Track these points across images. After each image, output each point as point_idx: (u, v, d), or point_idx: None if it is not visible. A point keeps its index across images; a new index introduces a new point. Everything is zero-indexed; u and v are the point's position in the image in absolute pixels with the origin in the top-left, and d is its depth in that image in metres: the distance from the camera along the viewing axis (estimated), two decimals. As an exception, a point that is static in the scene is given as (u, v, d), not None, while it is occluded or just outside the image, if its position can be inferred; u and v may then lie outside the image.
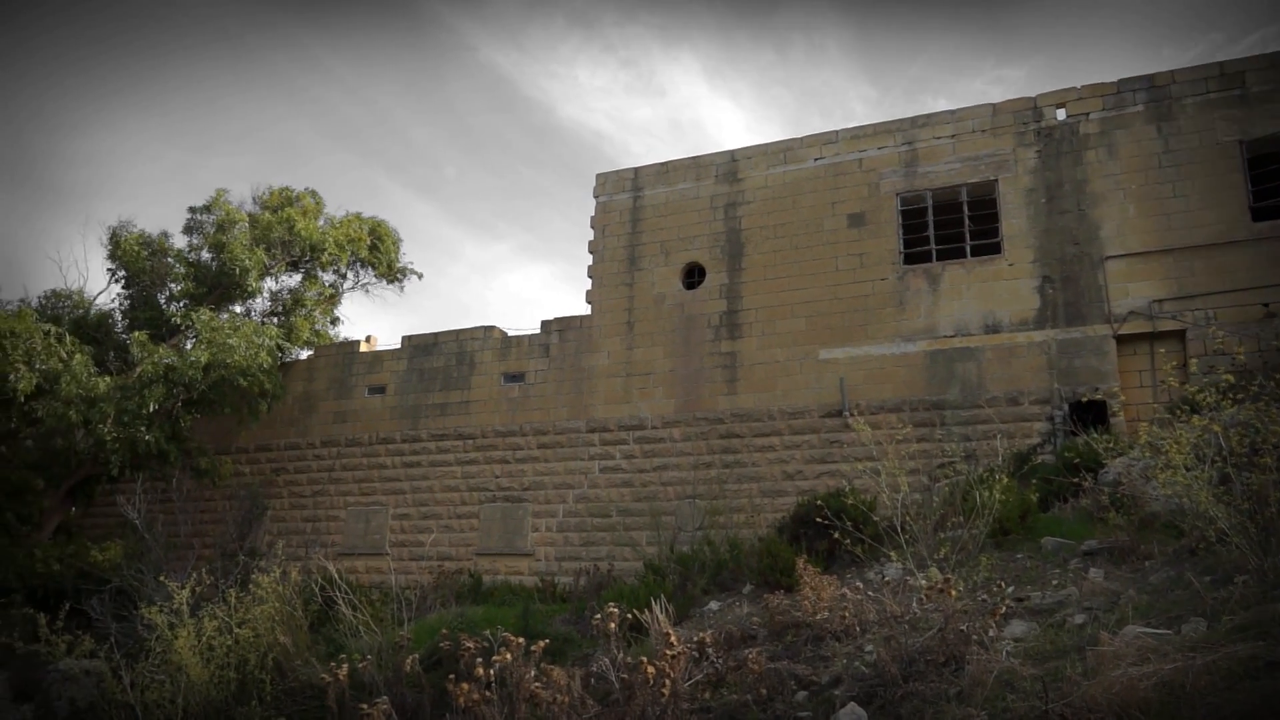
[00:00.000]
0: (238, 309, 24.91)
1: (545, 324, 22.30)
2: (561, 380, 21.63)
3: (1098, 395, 16.88)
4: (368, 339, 25.13)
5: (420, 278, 27.84)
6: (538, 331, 22.38)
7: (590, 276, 22.04)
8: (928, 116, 19.75)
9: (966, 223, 18.94)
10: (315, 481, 23.71)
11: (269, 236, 24.15)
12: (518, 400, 21.96)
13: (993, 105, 19.24)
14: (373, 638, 11.74)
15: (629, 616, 9.61)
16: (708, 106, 77.55)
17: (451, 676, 8.33)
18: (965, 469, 13.79)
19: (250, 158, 73.12)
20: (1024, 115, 18.91)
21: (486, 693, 7.85)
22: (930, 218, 19.28)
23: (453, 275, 74.64)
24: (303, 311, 25.58)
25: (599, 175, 22.75)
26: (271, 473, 24.15)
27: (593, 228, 22.42)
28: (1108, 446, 12.12)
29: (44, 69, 67.99)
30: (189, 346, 21.79)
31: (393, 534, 22.35)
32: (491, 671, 7.98)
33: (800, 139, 20.81)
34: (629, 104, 78.16)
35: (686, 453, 19.82)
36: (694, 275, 21.27)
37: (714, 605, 12.39)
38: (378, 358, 24.18)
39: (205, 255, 24.26)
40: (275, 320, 24.91)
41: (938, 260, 19.08)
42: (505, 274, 79.20)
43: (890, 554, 10.25)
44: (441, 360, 23.18)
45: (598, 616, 9.33)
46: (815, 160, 20.46)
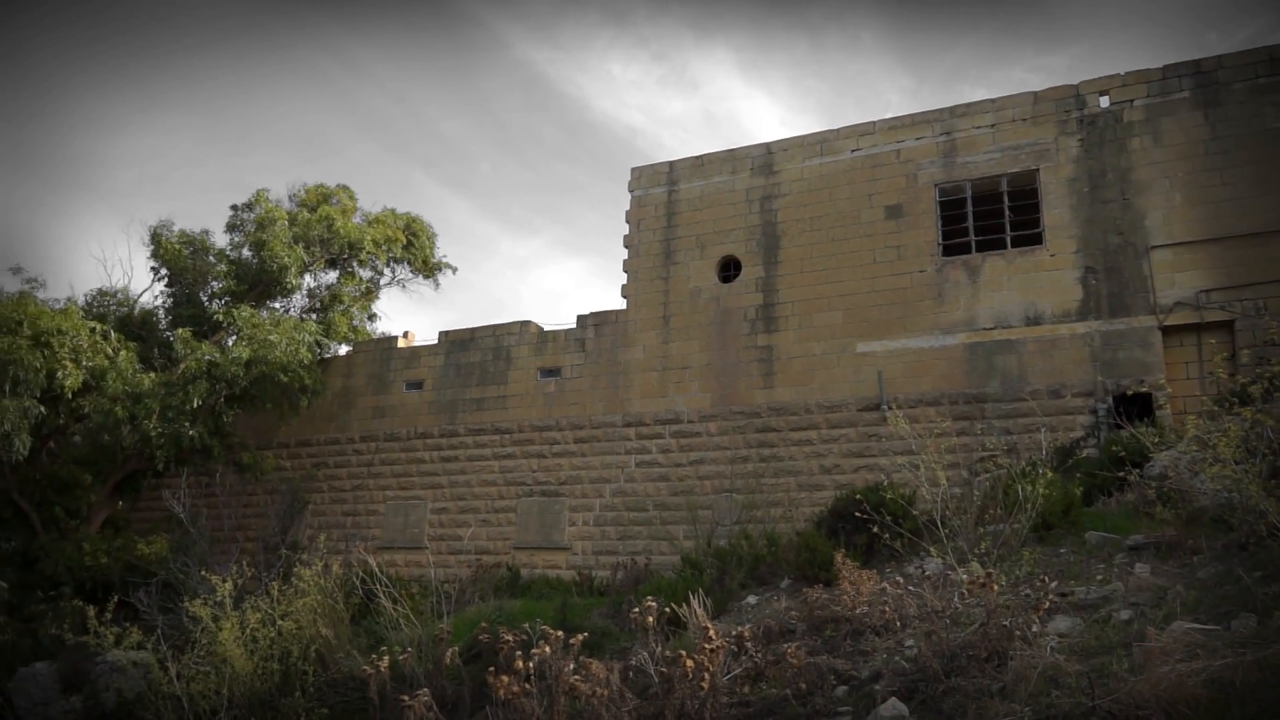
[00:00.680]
0: (277, 306, 25.22)
1: (581, 319, 22.33)
2: (597, 375, 21.66)
3: (1143, 388, 16.57)
4: (405, 335, 25.33)
5: (455, 271, 27.98)
6: (573, 326, 22.42)
7: (626, 271, 22.04)
8: (967, 106, 19.49)
9: (1007, 213, 18.67)
10: (355, 476, 23.96)
11: (308, 234, 24.42)
12: (554, 395, 22.03)
13: (1034, 93, 18.94)
14: (413, 630, 11.84)
15: (666, 610, 9.60)
16: (742, 99, 77.22)
17: (491, 669, 8.38)
18: (1006, 463, 13.62)
19: (287, 155, 74.02)
20: (1066, 103, 18.60)
21: (526, 685, 7.88)
22: (969, 208, 19.03)
23: (487, 271, 75.07)
24: (340, 307, 25.84)
25: (634, 169, 22.73)
26: (312, 467, 24.45)
27: (628, 222, 22.41)
28: (1154, 440, 11.90)
29: (88, 73, 69.31)
30: (230, 343, 22.10)
31: (431, 528, 22.53)
32: (531, 664, 8.02)
33: (836, 130, 20.63)
34: (662, 98, 78.04)
35: (723, 447, 19.76)
36: (729, 269, 21.19)
37: (751, 599, 12.35)
38: (415, 353, 24.37)
39: (246, 253, 24.58)
40: (314, 317, 25.18)
41: (977, 251, 18.83)
42: (540, 269, 79.51)
43: (930, 548, 10.14)
44: (478, 355, 23.32)
45: (635, 610, 9.35)
46: (852, 152, 20.28)
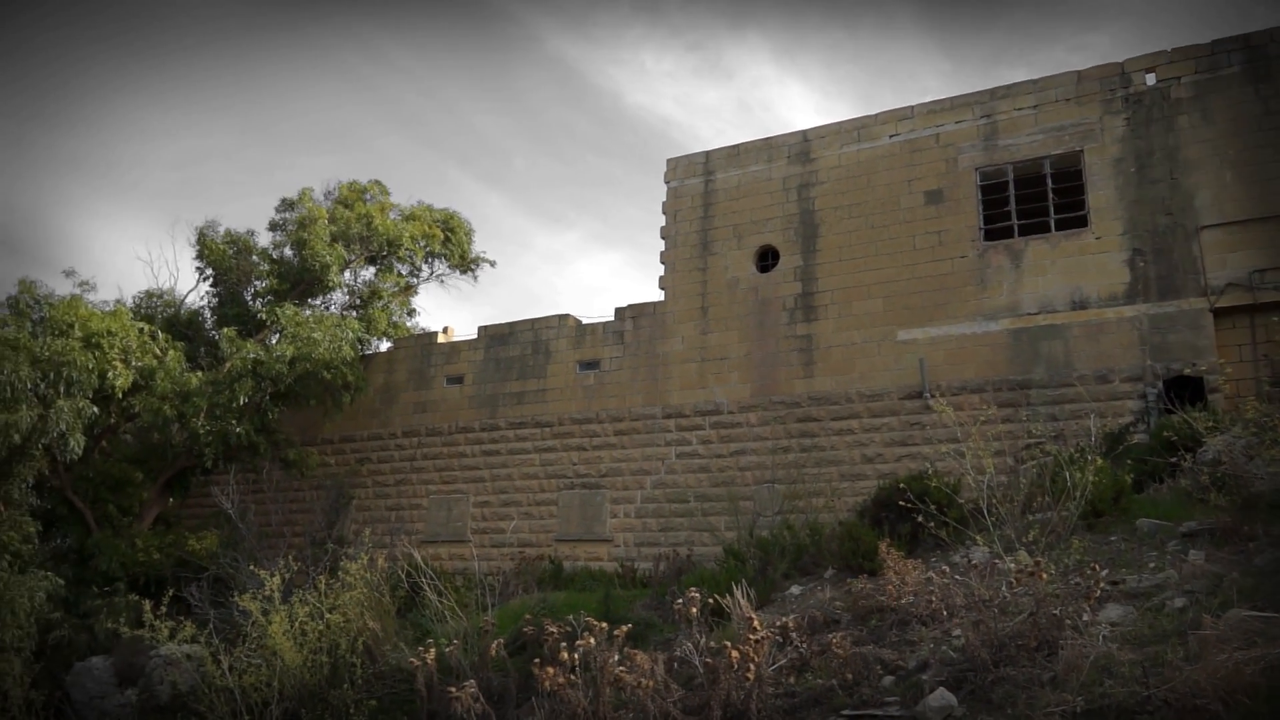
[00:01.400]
0: (318, 303, 25.52)
1: (619, 311, 22.33)
2: (636, 367, 21.66)
3: (1194, 371, 16.22)
4: (445, 330, 25.52)
5: (493, 265, 28.11)
6: (611, 319, 22.43)
7: (663, 262, 22.00)
8: (1007, 88, 19.17)
9: (1050, 196, 18.35)
10: (398, 471, 24.21)
11: (347, 232, 24.68)
12: (593, 387, 22.07)
13: (1077, 73, 18.57)
14: (458, 623, 11.95)
15: (710, 601, 9.59)
16: (776, 87, 76.68)
17: (536, 661, 8.42)
18: (1053, 450, 13.39)
19: (325, 154, 74.85)
20: (1111, 82, 18.22)
21: (571, 676, 7.92)
22: (1012, 192, 18.73)
23: (523, 265, 75.37)
24: (380, 304, 26.08)
25: (669, 160, 22.66)
26: (356, 463, 24.74)
27: (664, 213, 22.35)
28: (1207, 424, 11.64)
29: (133, 80, 70.59)
30: (274, 341, 22.40)
31: (474, 521, 22.70)
32: (576, 656, 8.05)
33: (874, 116, 20.40)
34: (696, 88, 77.73)
35: (763, 437, 19.68)
36: (767, 258, 21.07)
37: (795, 590, 12.29)
38: (455, 348, 24.54)
39: (287, 252, 24.91)
40: (354, 313, 25.45)
41: (1020, 236, 18.52)
42: (576, 262, 79.70)
43: (976, 537, 10.01)
44: (517, 349, 23.42)
45: (679, 601, 9.34)
46: (890, 137, 20.05)
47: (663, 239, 22.17)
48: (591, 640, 8.15)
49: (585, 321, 22.88)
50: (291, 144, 76.34)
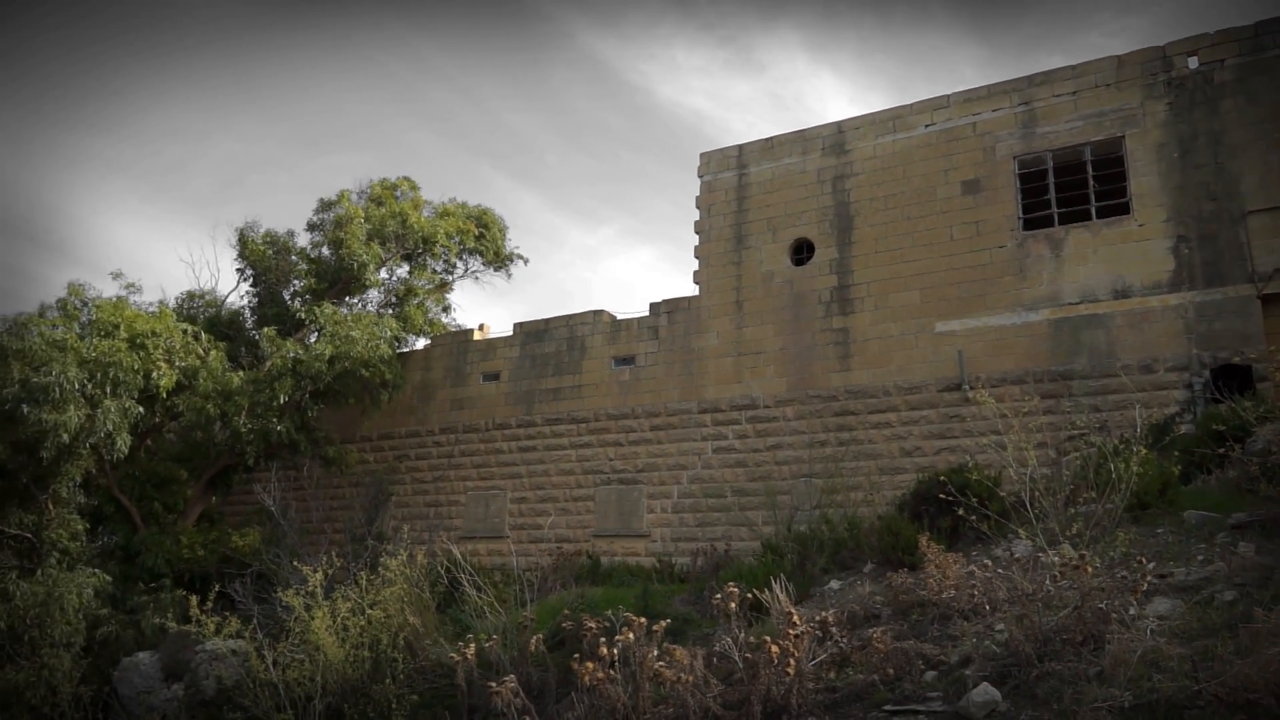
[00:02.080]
0: (355, 302, 25.77)
1: (654, 306, 22.32)
2: (671, 362, 21.63)
3: (1242, 359, 15.87)
4: (480, 327, 25.64)
5: (527, 262, 28.17)
6: (646, 314, 22.42)
7: (697, 257, 21.94)
8: (1045, 74, 18.87)
9: (1091, 183, 18.04)
10: (435, 467, 24.39)
11: (383, 230, 24.89)
12: (629, 383, 22.08)
13: (1117, 57, 18.24)
14: (497, 618, 12.00)
15: (748, 596, 9.55)
16: (809, 79, 76.18)
17: (576, 656, 8.44)
18: (1097, 441, 13.18)
19: (359, 154, 75.56)
20: (1152, 66, 17.87)
21: (611, 672, 7.92)
22: (1051, 180, 18.44)
23: (557, 262, 75.59)
24: (415, 301, 26.26)
25: (703, 154, 22.59)
26: (394, 460, 24.96)
27: (698, 208, 22.29)
28: (1256, 413, 11.38)
29: (171, 83, 71.70)
30: (313, 340, 22.65)
31: (511, 517, 22.81)
32: (615, 651, 8.05)
33: (909, 106, 20.19)
34: (728, 81, 77.42)
35: (800, 431, 19.57)
36: (802, 251, 20.93)
37: (834, 584, 12.21)
38: (491, 345, 24.66)
39: (325, 251, 25.16)
40: (390, 311, 25.65)
41: (1060, 224, 18.24)
42: (609, 258, 79.77)
43: (1019, 530, 9.87)
44: (552, 345, 23.49)
45: (717, 596, 9.31)
46: (926, 127, 19.82)
47: (696, 233, 22.11)
48: (630, 635, 8.15)
49: (620, 317, 22.89)
50: (327, 144, 77.17)
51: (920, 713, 6.78)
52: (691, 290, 21.92)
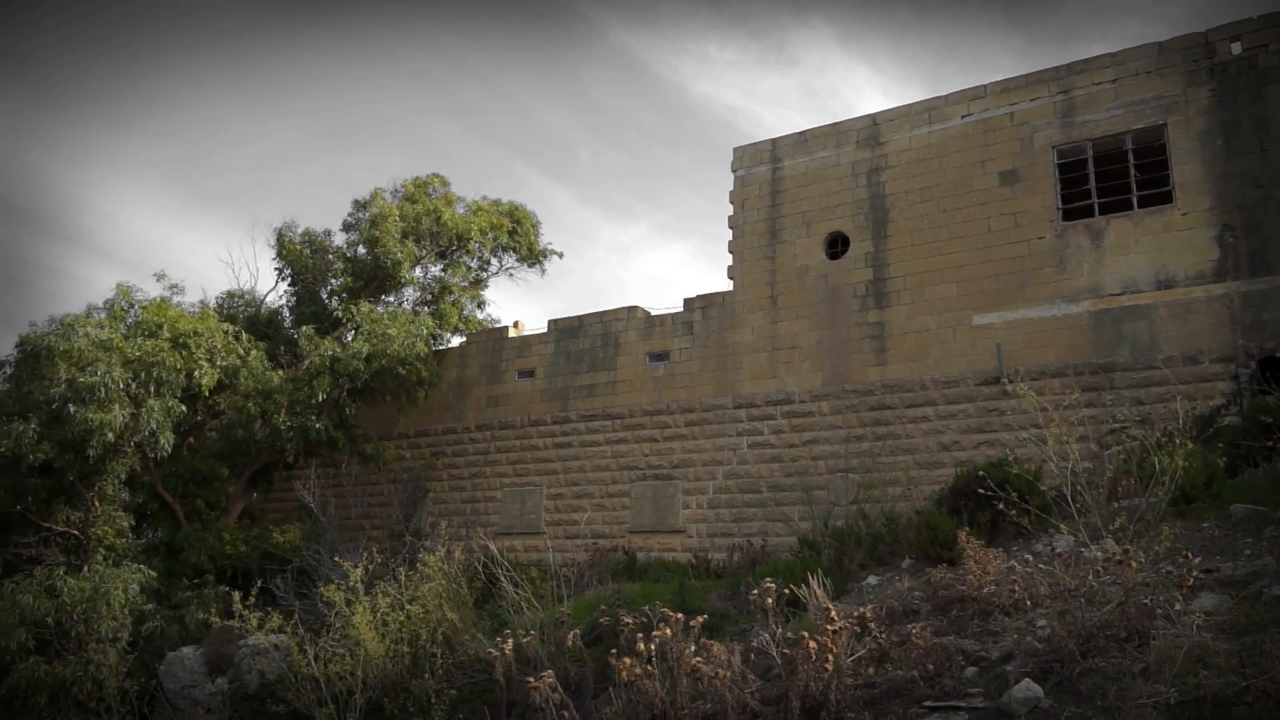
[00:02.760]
0: (391, 300, 25.98)
1: (688, 302, 22.28)
2: (706, 357, 21.59)
3: (1289, 351, 15.52)
4: (515, 324, 25.74)
5: (560, 257, 28.22)
6: (680, 310, 22.38)
7: (731, 252, 21.86)
8: (1084, 62, 18.57)
9: (1132, 172, 17.73)
10: (472, 464, 24.54)
11: (417, 228, 25.05)
12: (663, 379, 22.07)
13: (1158, 44, 17.90)
14: (534, 613, 12.07)
15: (785, 592, 9.52)
16: (842, 72, 75.61)
17: (613, 651, 8.46)
18: (1139, 434, 12.97)
19: (393, 153, 76.14)
20: (1194, 52, 17.52)
21: (648, 667, 7.93)
22: (1091, 169, 18.15)
23: (590, 258, 75.70)
24: (450, 298, 26.41)
25: (736, 149, 22.49)
26: (431, 456, 25.15)
27: (731, 203, 22.21)
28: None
29: (208, 86, 72.69)
30: (350, 338, 22.86)
31: (547, 513, 22.90)
32: (652, 646, 8.06)
33: (945, 96, 19.96)
34: (760, 76, 77.05)
35: (836, 426, 19.44)
36: (837, 245, 20.78)
37: (872, 580, 12.14)
38: (525, 342, 24.76)
39: (360, 250, 25.38)
40: (426, 309, 25.82)
41: (1100, 214, 17.95)
42: (642, 254, 79.75)
43: (1060, 525, 9.74)
44: (587, 342, 23.53)
45: (754, 592, 9.30)
46: (962, 118, 19.59)
47: (730, 228, 22.04)
48: (667, 631, 8.16)
49: (654, 313, 22.87)
50: (361, 143, 77.83)
51: (961, 709, 6.72)
52: (725, 285, 21.86)
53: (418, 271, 26.02)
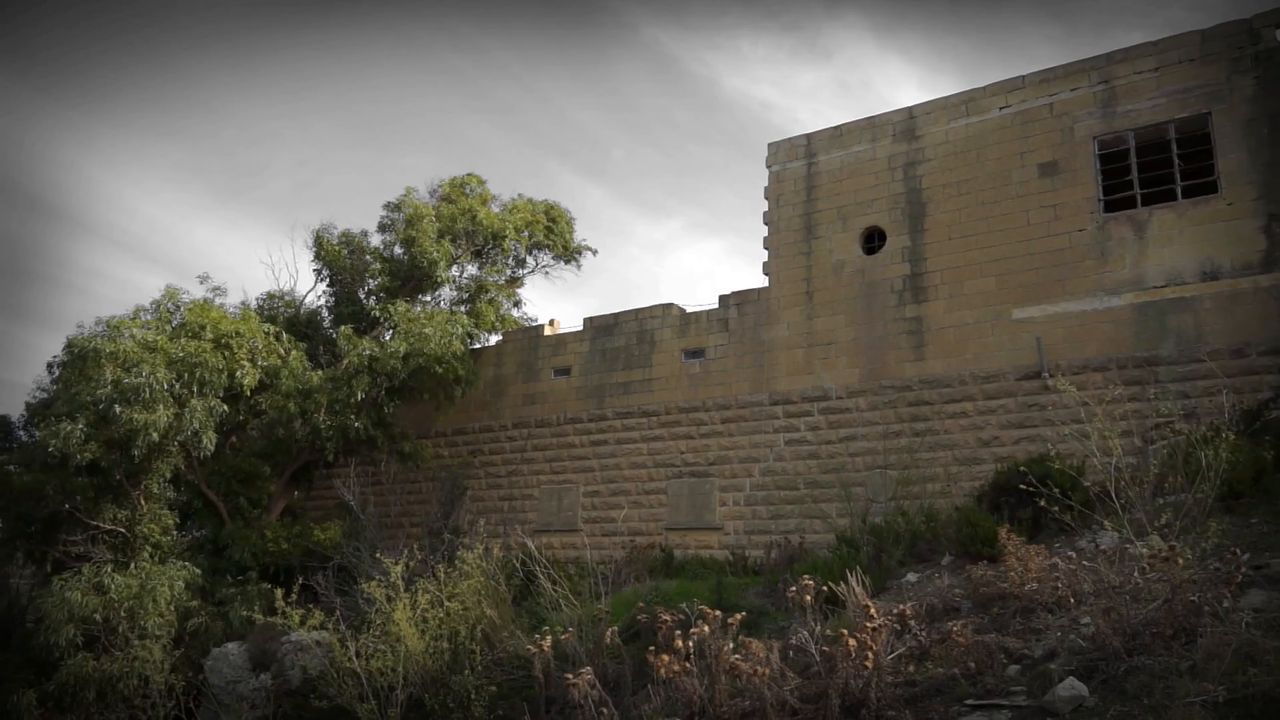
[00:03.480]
0: (428, 299, 26.21)
1: (723, 298, 22.23)
2: (742, 354, 21.53)
3: (1340, 343, 15.16)
4: (551, 323, 25.86)
5: (595, 254, 28.35)
6: (715, 306, 22.34)
7: (766, 248, 21.78)
8: (1125, 51, 18.26)
9: (1176, 162, 17.41)
10: (509, 462, 24.69)
11: (453, 228, 25.25)
12: (699, 376, 22.04)
13: (1200, 32, 17.56)
14: (572, 610, 12.11)
15: (824, 589, 9.47)
16: (876, 65, 74.96)
17: (651, 648, 8.47)
18: (1185, 429, 12.74)
19: (428, 153, 76.76)
20: (1238, 40, 17.16)
21: (686, 664, 7.93)
22: (1133, 160, 17.84)
23: (624, 256, 75.79)
24: (487, 297, 26.60)
25: (771, 144, 22.39)
26: (468, 454, 25.33)
27: (766, 198, 22.12)
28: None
29: (245, 89, 73.73)
30: (388, 338, 23.09)
31: (584, 511, 22.98)
32: (690, 643, 8.06)
33: (982, 88, 19.72)
34: (794, 70, 76.62)
35: (874, 422, 19.30)
36: (873, 240, 20.62)
37: (911, 577, 12.04)
38: (561, 340, 24.86)
39: (397, 250, 25.63)
40: (463, 308, 26.02)
41: (1143, 205, 17.64)
42: (677, 251, 79.66)
43: (1104, 521, 9.61)
44: (622, 340, 23.57)
45: (792, 589, 9.26)
46: (1000, 109, 19.34)
47: (765, 224, 21.95)
48: (706, 628, 8.15)
49: (689, 310, 22.85)
50: (396, 143, 78.52)
51: (1004, 707, 6.65)
52: (761, 282, 21.78)
53: (454, 271, 26.24)
